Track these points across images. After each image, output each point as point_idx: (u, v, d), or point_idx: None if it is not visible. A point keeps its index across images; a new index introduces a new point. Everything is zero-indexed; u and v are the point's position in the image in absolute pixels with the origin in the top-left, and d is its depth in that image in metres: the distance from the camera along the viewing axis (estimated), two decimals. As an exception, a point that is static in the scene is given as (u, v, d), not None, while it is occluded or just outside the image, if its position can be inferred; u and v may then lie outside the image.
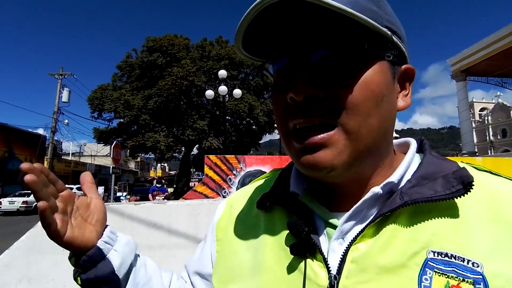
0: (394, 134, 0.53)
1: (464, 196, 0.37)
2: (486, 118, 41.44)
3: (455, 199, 0.37)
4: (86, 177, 0.55)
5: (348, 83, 0.37)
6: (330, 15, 0.35)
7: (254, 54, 0.43)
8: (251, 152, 24.45)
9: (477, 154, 23.40)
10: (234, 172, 4.82)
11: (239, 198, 0.58)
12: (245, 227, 0.51)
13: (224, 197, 4.57)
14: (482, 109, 45.63)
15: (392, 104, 0.42)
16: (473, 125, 38.18)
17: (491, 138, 39.65)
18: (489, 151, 36.23)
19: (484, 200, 0.38)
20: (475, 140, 32.25)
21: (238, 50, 0.42)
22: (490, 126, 40.23)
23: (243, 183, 4.81)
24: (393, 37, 0.40)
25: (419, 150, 0.49)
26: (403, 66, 0.44)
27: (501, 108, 39.84)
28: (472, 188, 0.37)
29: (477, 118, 43.41)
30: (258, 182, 0.59)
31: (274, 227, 0.46)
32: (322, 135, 0.37)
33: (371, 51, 0.38)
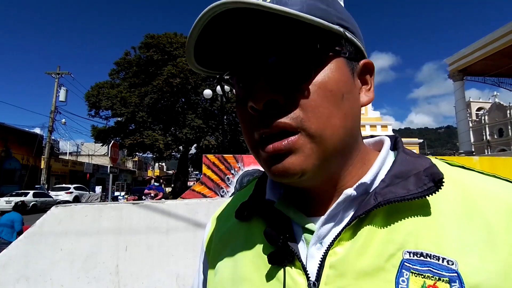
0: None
1: (435, 193, 0.36)
2: (483, 117, 41.64)
3: (427, 196, 0.37)
4: None
5: (305, 85, 0.37)
6: (279, 19, 0.35)
7: (210, 67, 0.42)
8: (249, 151, 24.42)
9: (474, 153, 23.51)
10: (232, 171, 4.82)
11: (221, 211, 0.57)
12: (225, 241, 0.50)
13: (222, 196, 4.57)
14: (479, 109, 45.86)
15: (354, 101, 0.41)
16: (470, 124, 38.36)
17: (488, 137, 39.86)
18: (486, 151, 36.42)
19: (458, 195, 0.38)
20: (472, 140, 32.39)
21: (191, 64, 0.40)
22: (487, 125, 40.44)
23: (241, 183, 4.80)
24: (346, 33, 0.39)
25: (394, 147, 0.48)
26: (362, 61, 0.43)
27: (497, 107, 40.04)
28: (443, 185, 0.36)
29: (474, 117, 43.61)
30: (239, 192, 0.58)
31: (252, 237, 0.45)
32: (285, 142, 0.37)
33: (324, 50, 0.37)
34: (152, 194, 10.29)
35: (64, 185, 24.43)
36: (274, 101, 0.37)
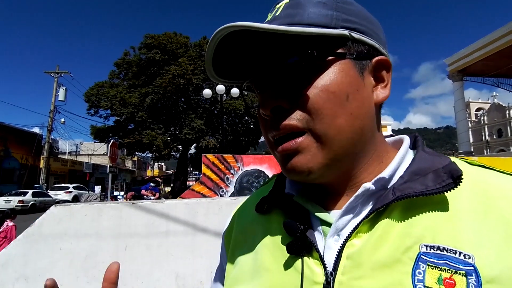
0: (388, 133, 0.54)
1: (454, 189, 0.37)
2: (482, 118, 41.72)
3: (445, 193, 0.37)
4: (111, 276, 0.45)
5: (306, 90, 0.39)
6: (279, 34, 0.38)
7: (230, 78, 0.47)
8: (249, 151, 24.43)
9: (473, 154, 23.53)
10: (232, 171, 4.82)
11: (242, 206, 0.60)
12: (246, 233, 0.52)
13: (221, 196, 4.57)
14: (478, 109, 45.95)
15: (364, 100, 0.42)
16: (469, 125, 38.43)
17: (487, 138, 39.94)
18: (485, 151, 36.49)
19: (476, 193, 0.39)
20: (471, 140, 32.43)
21: (212, 77, 0.45)
22: (486, 126, 40.52)
23: (240, 183, 4.81)
24: (353, 34, 0.40)
25: (413, 146, 0.49)
26: (375, 59, 0.43)
27: (497, 108, 40.14)
28: (462, 182, 0.37)
29: (473, 118, 43.68)
30: (261, 188, 0.61)
31: (272, 229, 0.47)
32: (293, 142, 0.40)
33: (323, 55, 0.40)
34: (152, 198, 10.31)
35: (63, 185, 24.39)
36: (280, 107, 0.40)
